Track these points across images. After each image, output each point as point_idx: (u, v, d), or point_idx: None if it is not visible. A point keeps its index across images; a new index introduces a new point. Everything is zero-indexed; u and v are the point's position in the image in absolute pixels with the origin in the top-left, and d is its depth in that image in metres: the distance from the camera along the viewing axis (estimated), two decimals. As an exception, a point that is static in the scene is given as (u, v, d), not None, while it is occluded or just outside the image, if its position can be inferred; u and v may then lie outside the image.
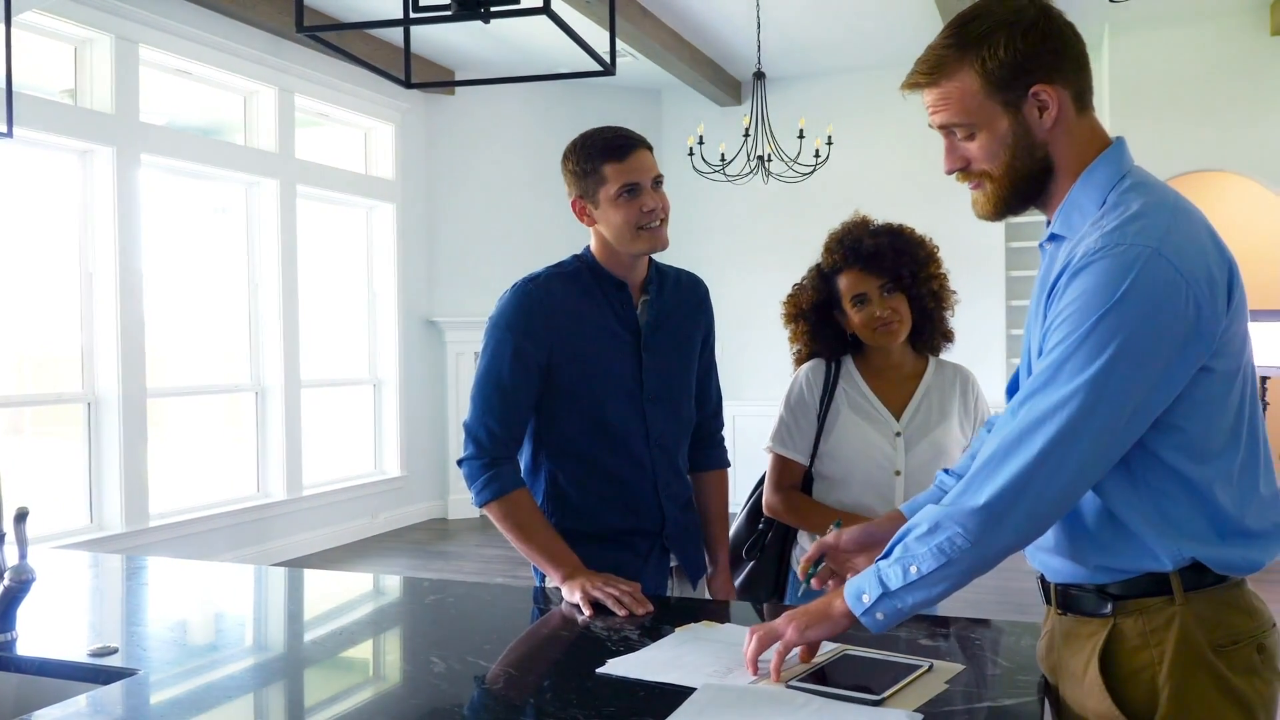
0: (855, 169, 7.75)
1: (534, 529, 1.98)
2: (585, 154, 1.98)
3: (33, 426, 5.73)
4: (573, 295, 2.04)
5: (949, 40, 1.36)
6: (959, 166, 1.40)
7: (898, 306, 2.14)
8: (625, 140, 1.97)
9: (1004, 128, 1.33)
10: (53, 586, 2.11)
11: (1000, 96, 1.32)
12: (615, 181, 1.95)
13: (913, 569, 1.31)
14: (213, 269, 6.60)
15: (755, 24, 6.64)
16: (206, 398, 6.62)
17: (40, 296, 5.54)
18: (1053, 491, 1.25)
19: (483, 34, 7.03)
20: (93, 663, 1.59)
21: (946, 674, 1.46)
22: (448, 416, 8.17)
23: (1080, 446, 1.23)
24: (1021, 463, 1.24)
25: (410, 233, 7.96)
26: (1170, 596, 1.29)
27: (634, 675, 1.49)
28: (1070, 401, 1.22)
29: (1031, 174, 1.35)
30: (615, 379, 2.05)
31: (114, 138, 5.56)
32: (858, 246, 2.13)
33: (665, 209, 2.00)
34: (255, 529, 6.54)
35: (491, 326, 2.02)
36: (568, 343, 2.01)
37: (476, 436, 2.01)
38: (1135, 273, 1.21)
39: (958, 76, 1.34)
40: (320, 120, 7.43)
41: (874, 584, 1.35)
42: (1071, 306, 1.25)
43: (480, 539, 7.39)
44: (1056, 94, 1.32)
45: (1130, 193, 1.30)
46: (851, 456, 2.17)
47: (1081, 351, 1.22)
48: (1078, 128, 1.35)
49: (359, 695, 1.54)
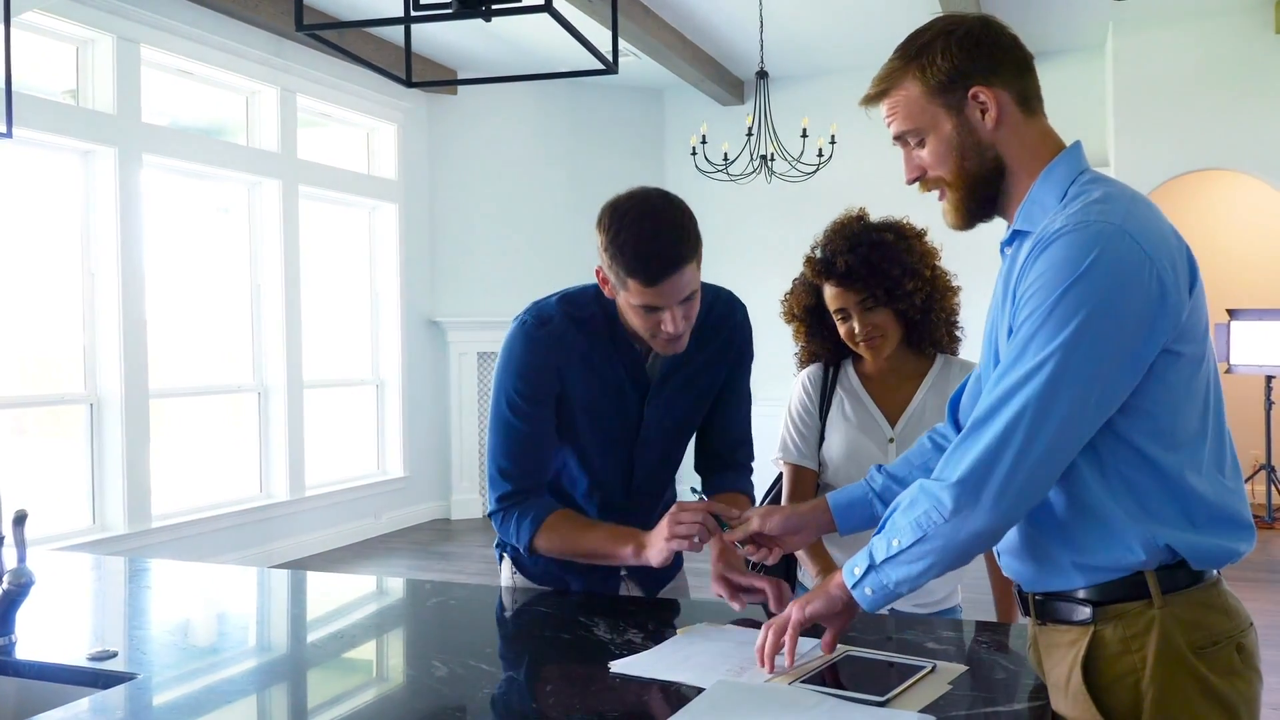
0: (858, 168, 7.73)
1: (578, 539, 1.88)
2: (616, 249, 1.72)
3: (36, 427, 5.73)
4: (582, 343, 1.89)
5: (896, 55, 1.44)
6: (917, 175, 1.45)
7: (879, 321, 2.07)
8: (659, 263, 1.70)
9: (948, 130, 1.39)
10: (54, 589, 2.10)
11: (941, 100, 1.39)
12: (638, 297, 1.74)
13: (894, 542, 1.33)
14: (215, 269, 6.59)
15: (758, 23, 6.63)
16: (209, 398, 6.61)
17: (42, 297, 5.54)
18: (1027, 463, 1.25)
19: (484, 34, 7.02)
20: (92, 667, 1.58)
21: (949, 675, 1.46)
22: (450, 417, 8.16)
23: (1052, 417, 1.24)
24: (993, 434, 1.27)
25: (413, 233, 7.96)
26: (1149, 600, 1.29)
27: (645, 674, 1.48)
28: (1039, 372, 1.24)
29: (984, 175, 1.40)
30: (608, 429, 1.94)
31: (116, 138, 5.56)
32: (831, 263, 2.06)
33: (690, 323, 1.79)
34: (258, 530, 6.53)
35: (497, 365, 1.93)
36: (568, 386, 1.90)
37: (493, 480, 1.93)
38: (1100, 247, 1.24)
39: (903, 86, 1.41)
40: (322, 120, 7.43)
41: (864, 556, 1.38)
42: (1037, 283, 1.27)
43: (483, 539, 7.38)
44: (995, 95, 1.37)
45: (1091, 184, 1.34)
46: (842, 464, 2.14)
47: (1049, 324, 1.25)
48: (1027, 129, 1.40)
49: (360, 700, 1.53)
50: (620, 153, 8.60)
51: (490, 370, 8.27)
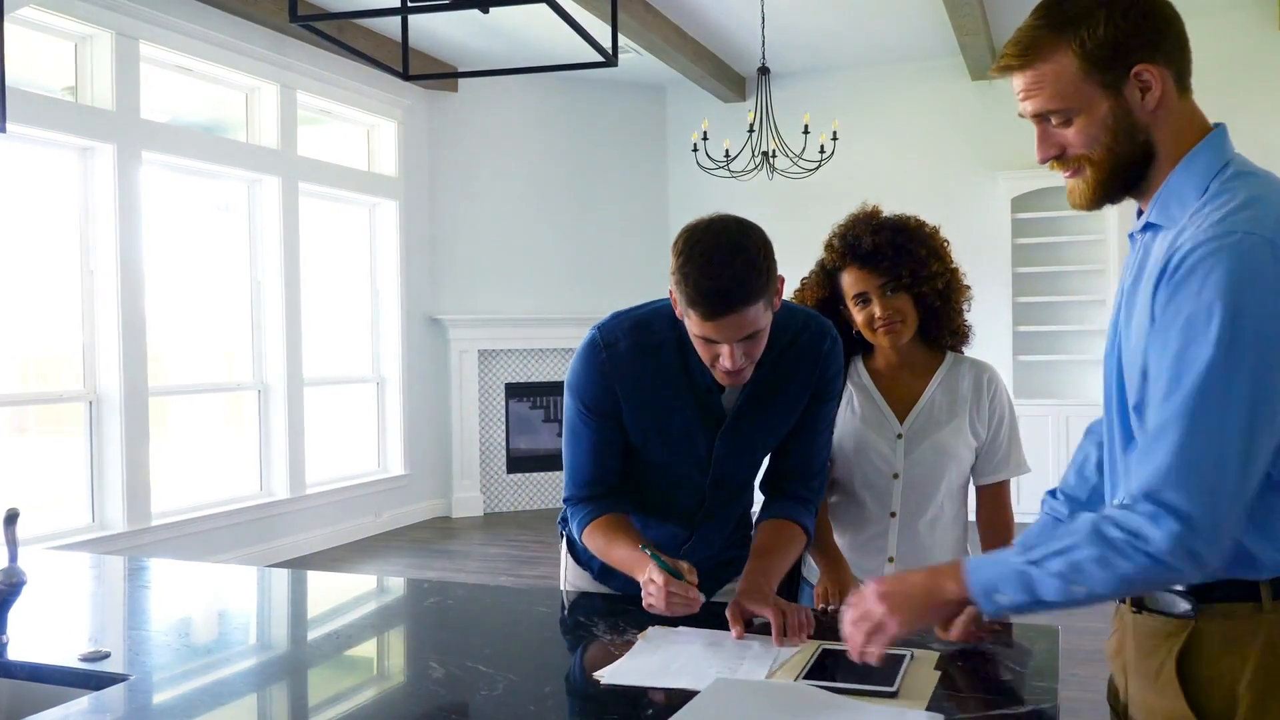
0: (860, 164, 7.71)
1: (608, 549, 1.86)
2: (681, 277, 1.66)
3: (37, 425, 5.72)
4: (650, 370, 1.83)
5: (1042, 20, 1.28)
6: (1053, 154, 1.31)
7: (900, 306, 2.05)
8: (721, 300, 1.62)
9: (1104, 111, 1.26)
10: (50, 589, 2.08)
11: (1100, 78, 1.25)
12: (697, 329, 1.68)
13: (1076, 588, 1.22)
14: (215, 267, 6.57)
15: (759, 19, 6.60)
16: (209, 396, 6.60)
17: (41, 295, 5.52)
18: (1216, 459, 1.14)
19: (484, 29, 6.99)
20: (84, 668, 1.56)
21: (930, 661, 1.49)
22: (451, 414, 8.15)
23: (1226, 431, 1.15)
24: (1172, 442, 1.16)
25: (413, 230, 7.94)
26: (1258, 603, 1.23)
27: (637, 683, 1.45)
28: (1203, 394, 1.15)
29: (1133, 159, 1.28)
30: (678, 458, 1.92)
31: (115, 135, 5.53)
32: (857, 244, 2.05)
33: (752, 361, 1.72)
34: (258, 528, 6.52)
35: (566, 382, 1.93)
36: (632, 411, 1.86)
37: (566, 477, 1.96)
38: (1250, 263, 1.14)
39: (1053, 58, 1.26)
40: (322, 117, 7.41)
41: (1014, 586, 1.26)
42: (1188, 305, 1.17)
43: (484, 537, 7.37)
44: (1159, 74, 1.25)
45: (1235, 181, 1.24)
46: (850, 458, 2.12)
47: (1203, 346, 1.15)
48: (1179, 111, 1.28)
49: (354, 701, 1.51)
50: (622, 149, 8.58)
51: (490, 368, 8.26)
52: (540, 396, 8.45)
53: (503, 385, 8.32)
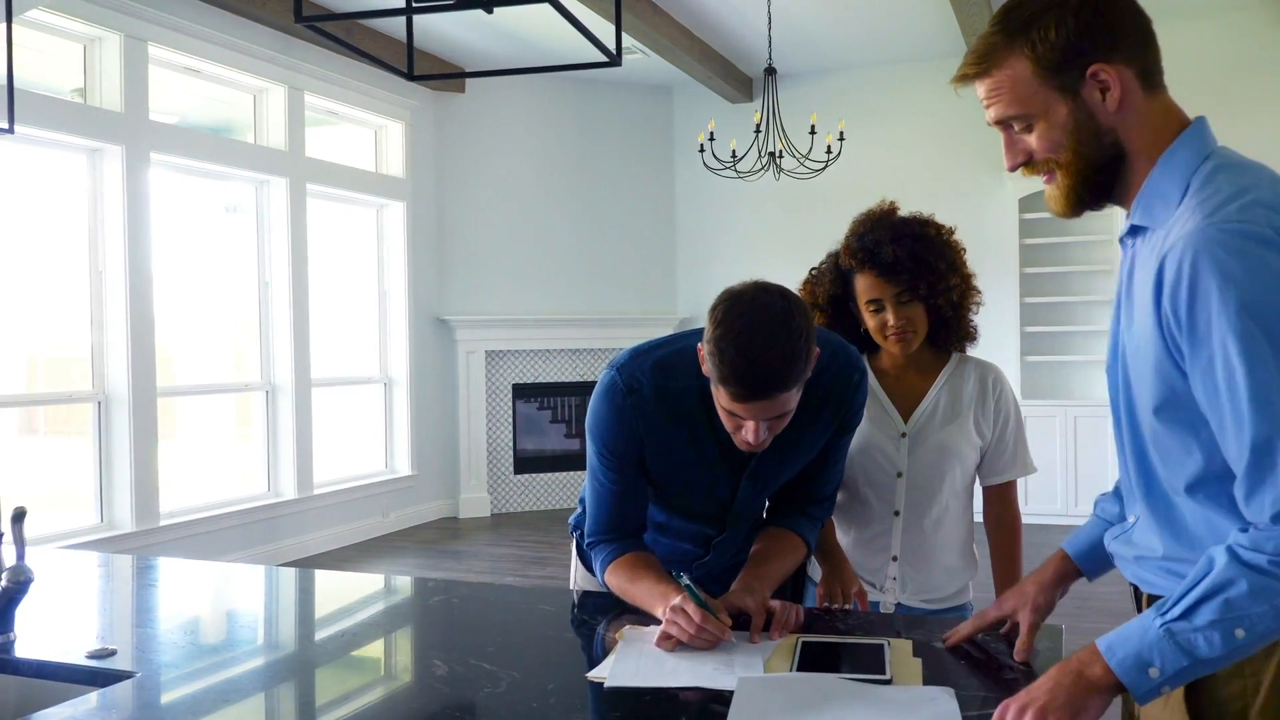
0: (867, 165, 7.70)
1: (628, 589, 1.83)
2: (715, 349, 1.57)
3: (46, 426, 5.74)
4: (673, 416, 1.78)
5: (997, 27, 1.27)
6: (1021, 161, 1.30)
7: (913, 316, 2.04)
8: (754, 384, 1.55)
9: (1063, 114, 1.24)
10: (58, 587, 2.09)
11: (1055, 81, 1.23)
12: (725, 402, 1.62)
13: (1239, 632, 1.11)
14: (223, 268, 6.59)
15: (766, 19, 6.60)
16: (217, 397, 6.62)
17: (50, 296, 5.54)
18: None
19: (489, 30, 7.00)
20: (90, 665, 1.56)
21: (907, 649, 1.55)
22: (458, 415, 8.16)
23: None
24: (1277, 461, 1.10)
25: (421, 231, 7.95)
26: None
27: (637, 683, 1.46)
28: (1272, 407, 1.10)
29: (1102, 163, 1.26)
30: (697, 500, 1.90)
31: (123, 136, 5.56)
32: (877, 252, 2.01)
33: (774, 434, 1.67)
34: (266, 528, 6.54)
35: (588, 412, 1.87)
36: (657, 455, 1.82)
37: (587, 517, 1.93)
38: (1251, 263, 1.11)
39: (1008, 64, 1.25)
40: (330, 118, 7.43)
41: (1170, 652, 1.13)
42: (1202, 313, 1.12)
43: (491, 538, 7.38)
44: (1117, 73, 1.22)
45: (1217, 174, 1.20)
46: (853, 457, 2.11)
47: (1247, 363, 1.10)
48: (1148, 109, 1.25)
49: (359, 700, 1.51)
50: (628, 150, 8.58)
51: (497, 368, 8.27)
52: (547, 397, 8.46)
53: (510, 386, 8.33)
